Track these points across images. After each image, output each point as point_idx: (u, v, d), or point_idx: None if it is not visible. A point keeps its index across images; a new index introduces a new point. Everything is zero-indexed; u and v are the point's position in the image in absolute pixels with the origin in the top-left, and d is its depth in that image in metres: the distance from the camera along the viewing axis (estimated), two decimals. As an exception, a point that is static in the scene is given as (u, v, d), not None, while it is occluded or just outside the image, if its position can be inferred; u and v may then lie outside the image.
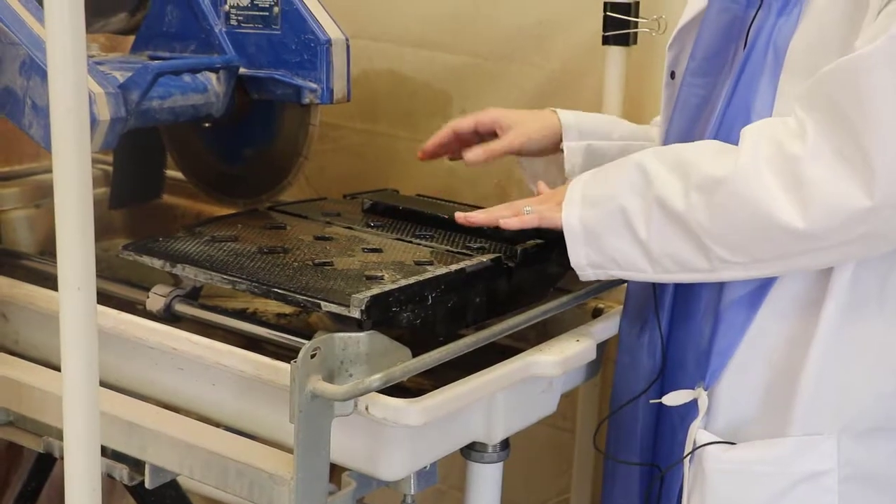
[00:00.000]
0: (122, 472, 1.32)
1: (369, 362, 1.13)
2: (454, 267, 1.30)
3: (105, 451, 1.27)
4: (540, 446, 1.90)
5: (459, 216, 1.36)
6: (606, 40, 1.72)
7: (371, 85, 1.95)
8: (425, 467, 1.24)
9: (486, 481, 1.34)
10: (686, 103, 1.32)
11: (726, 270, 1.19)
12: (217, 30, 1.56)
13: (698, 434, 1.27)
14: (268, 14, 1.53)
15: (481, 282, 1.32)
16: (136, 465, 1.30)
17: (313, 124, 1.60)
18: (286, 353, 1.19)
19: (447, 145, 1.53)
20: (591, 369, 1.45)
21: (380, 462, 1.18)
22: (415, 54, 1.94)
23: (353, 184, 1.76)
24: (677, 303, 1.31)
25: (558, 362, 1.28)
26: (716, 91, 1.28)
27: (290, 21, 1.51)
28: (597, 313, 1.48)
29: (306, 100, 1.52)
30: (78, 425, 1.03)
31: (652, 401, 1.33)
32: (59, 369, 1.03)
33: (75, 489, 1.05)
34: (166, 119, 1.47)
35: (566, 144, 1.50)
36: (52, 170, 0.99)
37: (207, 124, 1.58)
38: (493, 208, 1.36)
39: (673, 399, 1.29)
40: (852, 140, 1.08)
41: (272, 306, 1.49)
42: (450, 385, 1.18)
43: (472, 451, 1.32)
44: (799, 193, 1.10)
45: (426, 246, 1.42)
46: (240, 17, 1.55)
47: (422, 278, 1.26)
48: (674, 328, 1.32)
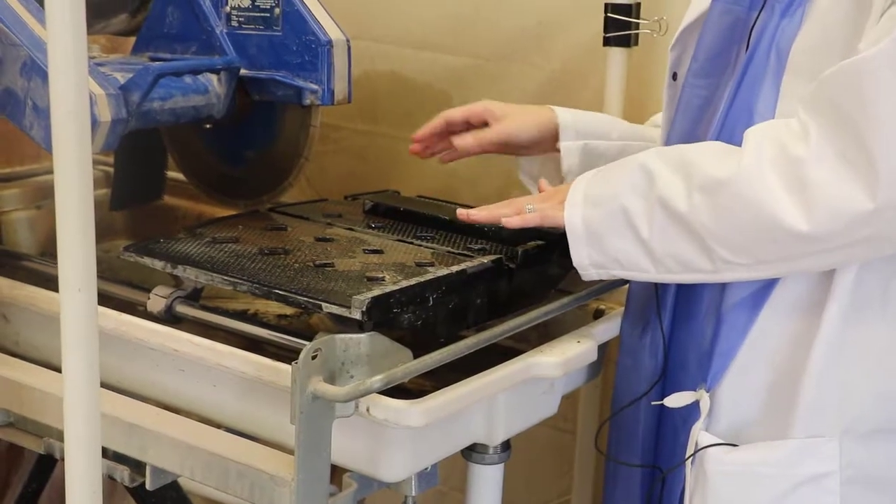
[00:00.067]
0: (122, 474, 1.32)
1: (370, 363, 1.13)
2: (455, 268, 1.30)
3: (106, 453, 1.27)
4: (541, 448, 1.90)
5: (461, 213, 1.36)
6: (607, 41, 1.71)
7: (372, 86, 1.95)
8: (426, 468, 1.24)
9: (487, 483, 1.34)
10: (688, 104, 1.32)
11: (729, 271, 1.19)
12: (218, 31, 1.56)
13: (700, 436, 1.26)
14: (269, 15, 1.52)
15: (482, 283, 1.32)
16: (137, 466, 1.30)
17: (314, 125, 1.60)
18: (287, 355, 1.19)
19: (439, 136, 1.53)
20: (593, 370, 1.45)
21: (381, 463, 1.18)
22: (416, 55, 1.94)
23: (354, 185, 1.76)
24: (679, 304, 1.31)
25: (559, 363, 1.28)
26: (718, 92, 1.28)
27: (291, 22, 1.51)
28: (598, 314, 1.48)
29: (307, 101, 1.52)
30: (79, 426, 1.03)
31: (654, 402, 1.33)
32: (59, 370, 1.03)
33: (76, 490, 1.04)
34: (167, 120, 1.47)
35: (563, 144, 1.49)
36: (52, 171, 0.98)
37: (208, 125, 1.58)
38: (494, 205, 1.36)
39: (675, 401, 1.29)
40: (856, 142, 1.07)
41: (273, 307, 1.49)
42: (451, 386, 1.18)
43: (473, 452, 1.32)
44: (802, 195, 1.10)
45: (427, 247, 1.41)
46: (241, 19, 1.55)
47: (423, 279, 1.25)
48: (675, 329, 1.32)
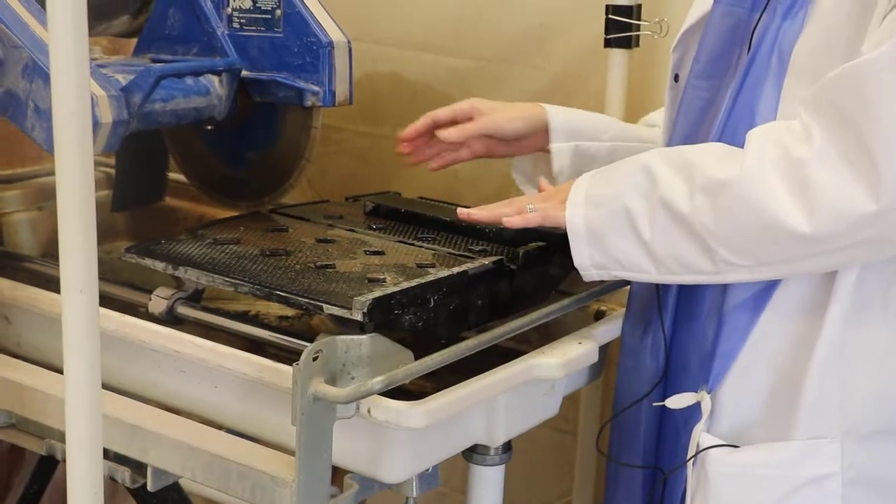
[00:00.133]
0: (124, 475, 1.32)
1: (371, 365, 1.13)
2: (456, 269, 1.30)
3: (107, 454, 1.27)
4: (542, 449, 1.90)
5: (462, 212, 1.36)
6: (608, 43, 1.72)
7: (373, 87, 1.95)
8: (427, 470, 1.24)
9: (488, 484, 1.34)
10: (690, 106, 1.32)
11: (731, 273, 1.19)
12: (219, 32, 1.56)
13: (701, 437, 1.26)
14: (270, 17, 1.53)
15: (483, 284, 1.32)
16: (139, 467, 1.30)
17: (315, 127, 1.60)
18: (288, 356, 1.19)
19: (426, 136, 1.54)
20: (594, 372, 1.44)
21: (382, 464, 1.18)
22: (417, 57, 1.94)
23: (355, 186, 1.76)
24: (680, 305, 1.31)
25: (560, 365, 1.28)
26: (720, 94, 1.28)
27: (293, 24, 1.51)
28: (599, 316, 1.48)
29: (308, 102, 1.52)
30: (80, 428, 1.03)
31: (655, 403, 1.33)
32: (61, 372, 1.03)
33: (77, 492, 1.04)
34: (169, 122, 1.47)
35: (554, 146, 1.50)
36: (54, 172, 0.99)
37: (210, 127, 1.58)
38: (495, 205, 1.36)
39: (676, 402, 1.29)
40: (858, 144, 1.07)
41: (274, 309, 1.49)
42: (452, 387, 1.18)
43: (474, 453, 1.32)
44: (805, 197, 1.10)
45: (428, 248, 1.41)
46: (242, 20, 1.55)
47: (424, 281, 1.25)
48: (677, 330, 1.32)
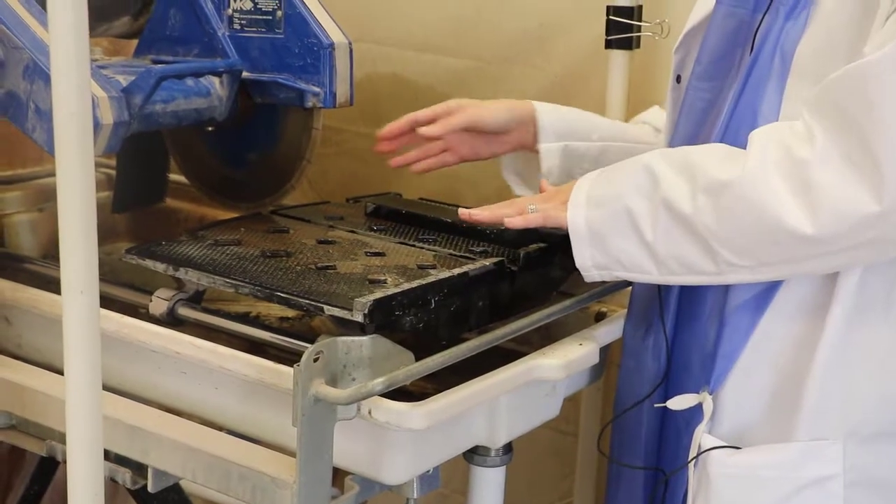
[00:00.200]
0: (124, 476, 1.32)
1: (372, 366, 1.13)
2: (457, 270, 1.30)
3: (108, 455, 1.27)
4: (543, 450, 1.90)
5: (463, 213, 1.36)
6: (609, 44, 1.72)
7: (374, 88, 1.95)
8: (428, 471, 1.24)
9: (489, 485, 1.34)
10: (692, 107, 1.32)
11: (733, 273, 1.18)
12: (220, 34, 1.56)
13: (703, 438, 1.26)
14: (271, 18, 1.52)
15: (484, 285, 1.32)
16: (139, 468, 1.30)
17: (316, 128, 1.60)
18: (289, 357, 1.19)
19: (407, 134, 1.54)
20: (595, 373, 1.44)
21: (382, 466, 1.18)
22: (418, 58, 1.94)
23: (355, 187, 1.76)
24: (682, 306, 1.31)
25: (561, 366, 1.28)
26: (722, 95, 1.28)
27: (293, 25, 1.51)
28: (600, 317, 1.48)
29: (309, 103, 1.52)
30: (81, 429, 1.03)
31: (657, 405, 1.32)
32: (61, 373, 1.03)
33: (78, 493, 1.04)
34: (169, 123, 1.47)
35: (542, 146, 1.50)
36: (55, 174, 0.99)
37: (210, 128, 1.58)
38: (496, 205, 1.36)
39: (677, 403, 1.29)
40: (861, 145, 1.07)
41: (275, 310, 1.49)
42: (453, 389, 1.18)
43: (474, 454, 1.32)
44: (807, 198, 1.10)
45: (429, 249, 1.41)
46: (243, 21, 1.55)
47: (425, 282, 1.25)
48: (678, 331, 1.31)
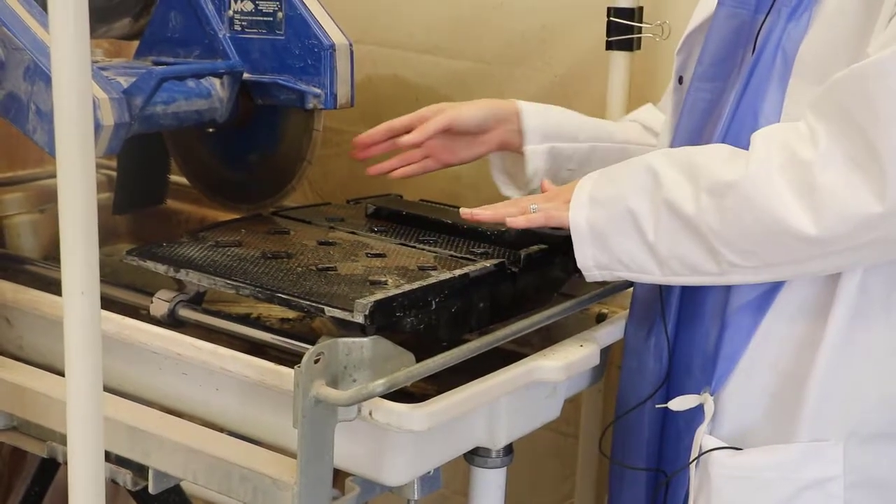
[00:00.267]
0: (125, 478, 1.32)
1: (373, 367, 1.13)
2: (458, 272, 1.30)
3: (109, 456, 1.27)
4: (543, 451, 1.90)
5: (465, 212, 1.36)
6: (610, 45, 1.72)
7: (375, 90, 1.95)
8: (429, 472, 1.24)
9: (490, 486, 1.34)
10: (693, 108, 1.32)
11: (735, 274, 1.18)
12: (221, 35, 1.56)
13: (704, 439, 1.26)
14: (271, 19, 1.52)
15: (485, 287, 1.32)
16: (140, 470, 1.30)
17: (317, 129, 1.60)
18: (290, 358, 1.19)
19: (383, 142, 1.54)
20: (595, 374, 1.44)
21: (383, 467, 1.18)
22: (418, 59, 1.94)
23: (356, 189, 1.76)
24: (684, 306, 1.31)
25: (562, 367, 1.28)
26: (724, 96, 1.28)
27: (294, 26, 1.51)
28: (600, 318, 1.48)
29: (310, 105, 1.52)
30: (82, 430, 1.03)
31: (658, 405, 1.32)
32: (62, 374, 1.03)
33: (79, 494, 1.04)
34: (170, 124, 1.47)
35: (528, 147, 1.50)
36: (55, 175, 0.99)
37: (211, 129, 1.58)
38: (498, 205, 1.36)
39: (679, 404, 1.29)
40: (864, 146, 1.07)
41: (276, 311, 1.49)
42: (453, 390, 1.18)
43: (475, 456, 1.32)
44: (811, 199, 1.10)
45: (430, 251, 1.41)
46: (243, 23, 1.55)
47: (425, 283, 1.25)
48: (680, 332, 1.31)
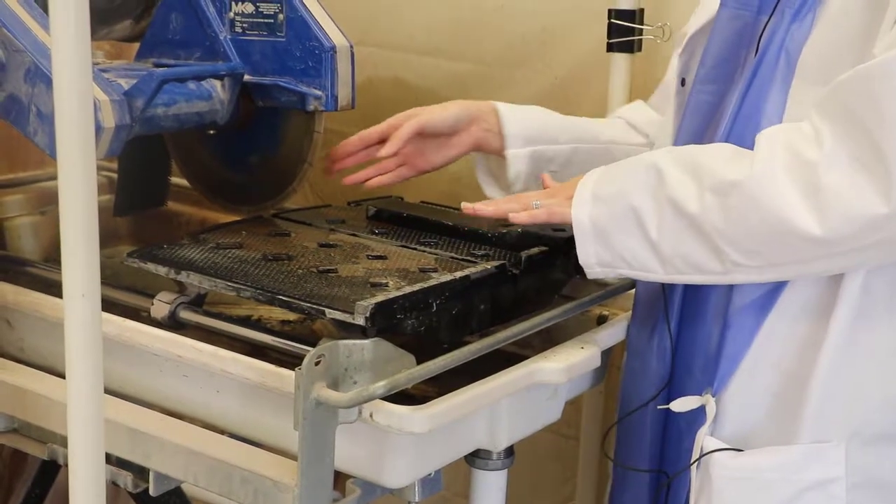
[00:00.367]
0: (126, 480, 1.32)
1: (374, 369, 1.13)
2: (459, 274, 1.30)
3: (109, 459, 1.27)
4: (544, 453, 1.90)
5: (466, 207, 1.35)
6: (611, 47, 1.72)
7: (376, 92, 1.95)
8: (430, 474, 1.24)
9: (491, 488, 1.34)
10: (696, 110, 1.31)
11: (739, 273, 1.18)
12: (222, 37, 1.56)
13: (705, 441, 1.26)
14: (272, 21, 1.53)
15: (486, 289, 1.32)
16: (141, 472, 1.30)
17: (318, 131, 1.60)
18: (290, 361, 1.19)
19: (355, 154, 1.55)
20: (596, 376, 1.44)
21: (384, 469, 1.18)
22: (419, 61, 1.95)
23: (357, 191, 1.76)
24: (685, 307, 1.31)
25: (563, 369, 1.28)
26: (726, 98, 1.28)
27: (295, 28, 1.51)
28: (601, 320, 1.48)
29: (311, 107, 1.52)
30: (82, 432, 1.03)
31: (659, 406, 1.32)
32: (63, 376, 1.03)
33: (79, 496, 1.04)
34: (171, 126, 1.47)
35: (510, 152, 1.50)
36: (56, 177, 0.99)
37: (212, 131, 1.58)
38: (500, 200, 1.36)
39: (680, 405, 1.29)
40: (870, 147, 1.07)
41: (276, 313, 1.49)
42: (454, 392, 1.18)
43: (476, 458, 1.32)
44: (816, 200, 1.09)
45: (430, 253, 1.41)
46: (244, 25, 1.55)
47: (426, 285, 1.25)
48: (682, 333, 1.31)
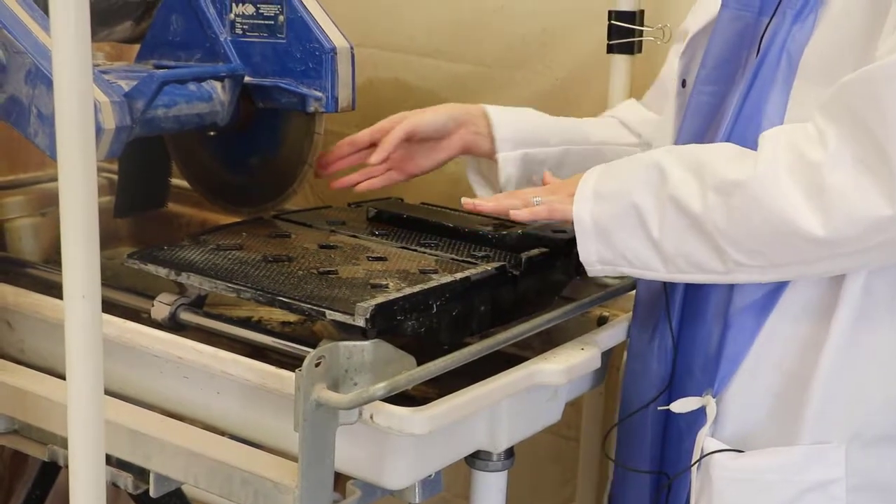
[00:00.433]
0: (126, 481, 1.32)
1: (374, 371, 1.13)
2: (459, 275, 1.30)
3: (110, 460, 1.27)
4: (544, 455, 1.90)
5: (467, 202, 1.35)
6: (611, 49, 1.72)
7: (376, 93, 1.95)
8: (430, 476, 1.24)
9: (491, 490, 1.34)
10: (697, 111, 1.31)
11: (741, 273, 1.18)
12: (222, 38, 1.56)
13: (706, 442, 1.26)
14: (273, 23, 1.53)
15: (486, 290, 1.32)
16: (141, 473, 1.30)
17: (318, 133, 1.60)
18: (291, 362, 1.19)
19: (345, 158, 1.56)
20: (596, 378, 1.44)
21: (384, 470, 1.18)
22: (419, 62, 1.95)
23: (357, 192, 1.76)
24: (686, 307, 1.31)
25: (563, 371, 1.28)
26: (727, 99, 1.27)
27: (296, 30, 1.51)
28: (602, 322, 1.48)
29: (311, 108, 1.52)
30: (83, 433, 1.03)
31: (660, 407, 1.32)
32: (64, 378, 1.03)
33: (80, 497, 1.04)
34: (171, 127, 1.47)
35: (500, 155, 1.50)
36: (57, 178, 0.99)
37: (212, 133, 1.58)
38: (500, 196, 1.35)
39: (681, 406, 1.28)
40: (874, 148, 1.07)
41: (277, 315, 1.49)
42: (454, 393, 1.18)
43: (476, 459, 1.32)
44: (819, 201, 1.09)
45: (431, 254, 1.41)
46: (245, 26, 1.55)
47: (426, 287, 1.25)
48: (682, 333, 1.31)
